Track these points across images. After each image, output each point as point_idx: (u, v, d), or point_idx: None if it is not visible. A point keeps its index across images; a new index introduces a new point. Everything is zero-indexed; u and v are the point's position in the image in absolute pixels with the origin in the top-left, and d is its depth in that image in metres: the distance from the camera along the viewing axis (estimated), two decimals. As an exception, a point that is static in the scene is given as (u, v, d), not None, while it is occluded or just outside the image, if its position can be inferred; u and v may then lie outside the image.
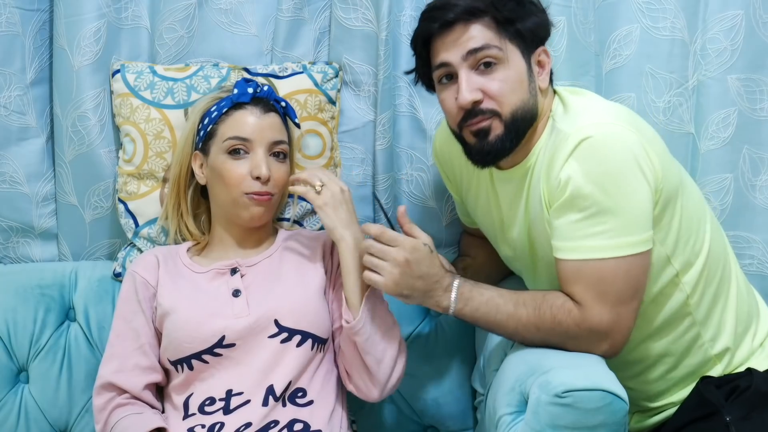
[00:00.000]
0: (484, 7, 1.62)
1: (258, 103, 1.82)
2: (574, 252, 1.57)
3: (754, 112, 2.08)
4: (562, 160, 1.57)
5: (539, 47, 1.68)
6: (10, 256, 2.12)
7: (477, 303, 1.63)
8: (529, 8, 1.66)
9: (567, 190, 1.56)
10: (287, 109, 1.88)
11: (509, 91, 1.62)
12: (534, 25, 1.65)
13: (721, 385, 1.70)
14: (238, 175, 1.77)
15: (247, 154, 1.79)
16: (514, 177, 1.71)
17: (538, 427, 1.46)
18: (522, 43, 1.64)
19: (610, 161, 1.54)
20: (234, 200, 1.79)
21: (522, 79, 1.64)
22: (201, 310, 1.75)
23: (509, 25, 1.63)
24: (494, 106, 1.63)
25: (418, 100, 2.06)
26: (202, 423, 1.70)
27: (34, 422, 1.99)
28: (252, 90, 1.83)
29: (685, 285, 1.69)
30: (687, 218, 1.67)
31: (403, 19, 2.03)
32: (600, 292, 1.56)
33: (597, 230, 1.55)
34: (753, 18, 2.06)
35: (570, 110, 1.66)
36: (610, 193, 1.54)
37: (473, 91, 1.62)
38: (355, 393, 1.77)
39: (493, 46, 1.62)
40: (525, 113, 1.64)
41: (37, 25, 2.05)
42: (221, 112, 1.82)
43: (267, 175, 1.76)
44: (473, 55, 1.62)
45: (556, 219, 1.59)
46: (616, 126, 1.58)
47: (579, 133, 1.56)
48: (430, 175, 2.06)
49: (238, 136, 1.79)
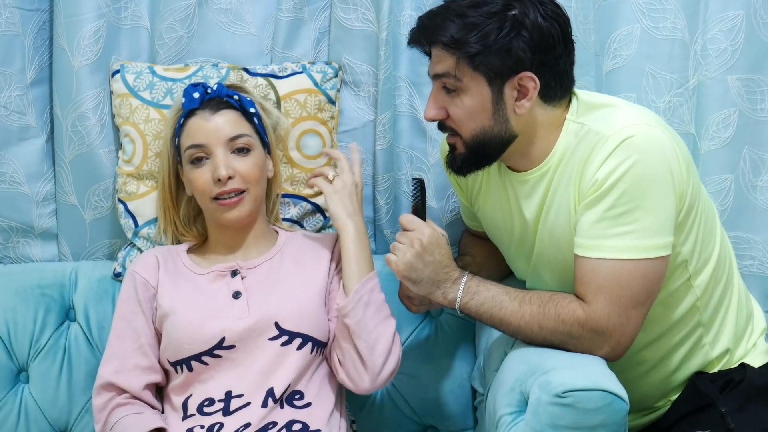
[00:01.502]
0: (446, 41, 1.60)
1: (207, 105, 1.81)
2: (594, 250, 1.57)
3: (755, 112, 2.08)
4: (601, 160, 1.57)
5: (521, 73, 1.60)
6: (10, 256, 2.12)
7: (482, 298, 1.64)
8: (513, 39, 1.57)
9: (603, 185, 1.56)
10: (242, 102, 1.84)
11: (465, 118, 1.63)
12: (502, 59, 1.58)
13: (715, 380, 1.71)
14: (203, 183, 1.77)
15: (207, 159, 1.78)
16: (527, 181, 1.70)
17: (538, 427, 1.46)
18: (488, 72, 1.60)
19: (647, 162, 1.55)
20: (208, 207, 1.80)
21: (484, 107, 1.62)
22: (201, 311, 1.75)
23: (472, 59, 1.59)
24: (454, 126, 1.66)
25: (418, 100, 2.06)
26: (201, 424, 1.70)
27: (34, 422, 1.99)
28: (198, 94, 1.81)
29: (697, 288, 1.69)
30: (704, 221, 1.68)
31: (403, 19, 2.03)
32: (613, 294, 1.56)
33: (621, 230, 1.55)
34: (753, 18, 2.05)
35: (597, 109, 1.65)
36: (642, 194, 1.54)
37: (436, 109, 1.66)
38: (347, 383, 1.74)
39: (450, 75, 1.62)
40: (489, 138, 1.64)
41: (37, 25, 2.05)
42: (180, 125, 1.83)
43: (225, 176, 1.75)
44: (438, 79, 1.65)
45: (583, 214, 1.59)
46: (654, 128, 1.59)
47: (620, 134, 1.56)
48: (430, 175, 2.06)
49: (193, 143, 1.79)
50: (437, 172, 2.03)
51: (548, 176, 1.67)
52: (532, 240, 1.73)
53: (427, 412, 2.02)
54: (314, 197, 2.02)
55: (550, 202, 1.67)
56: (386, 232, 2.12)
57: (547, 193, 1.68)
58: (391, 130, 2.07)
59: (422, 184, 1.73)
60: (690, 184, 1.62)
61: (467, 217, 2.00)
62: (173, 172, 1.87)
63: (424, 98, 2.05)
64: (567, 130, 1.66)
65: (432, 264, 1.66)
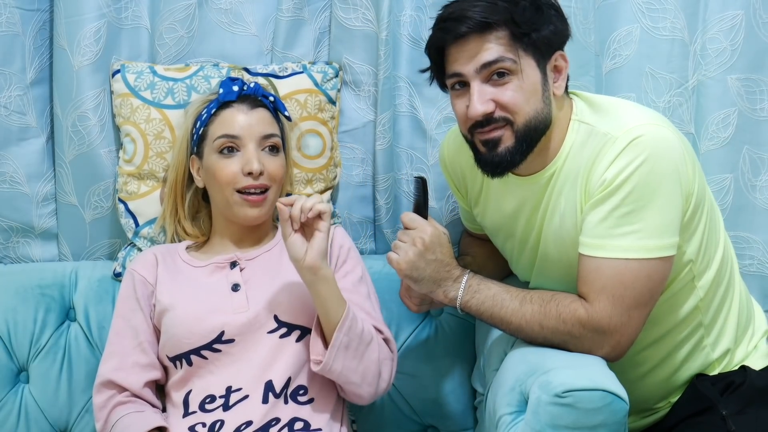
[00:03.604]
0: (500, 20, 1.59)
1: (245, 100, 1.83)
2: (599, 249, 1.57)
3: (754, 112, 2.08)
4: (609, 160, 1.56)
5: (556, 52, 1.65)
6: (10, 256, 2.12)
7: (483, 296, 1.64)
8: (548, 16, 1.62)
9: (611, 185, 1.55)
10: (276, 103, 1.88)
11: (523, 101, 1.60)
12: (550, 33, 1.62)
13: (715, 382, 1.70)
14: (230, 173, 1.78)
15: (238, 152, 1.79)
16: (535, 182, 1.70)
17: (538, 427, 1.46)
18: (537, 52, 1.61)
19: (655, 162, 1.54)
20: (228, 199, 1.79)
21: (536, 89, 1.61)
22: (200, 305, 1.75)
23: (524, 37, 1.60)
24: (507, 115, 1.61)
25: (418, 100, 2.06)
26: (203, 421, 1.70)
27: (34, 422, 1.99)
28: (237, 88, 1.84)
29: (700, 289, 1.69)
30: (709, 222, 1.68)
31: (404, 19, 2.03)
32: (616, 293, 1.56)
33: (626, 230, 1.55)
34: (753, 18, 2.06)
35: (603, 111, 1.65)
36: (649, 194, 1.54)
37: (485, 103, 1.60)
38: (348, 400, 1.77)
39: (507, 59, 1.59)
40: (538, 123, 1.62)
41: (37, 25, 2.05)
42: (210, 113, 1.83)
43: (259, 170, 1.76)
44: (487, 69, 1.60)
45: (589, 214, 1.59)
46: (662, 128, 1.59)
47: (629, 134, 1.56)
48: (430, 175, 2.06)
49: (227, 133, 1.79)
50: (437, 172, 2.03)
51: (554, 178, 1.67)
52: (536, 242, 1.73)
53: (427, 412, 2.02)
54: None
55: (555, 203, 1.67)
56: (386, 232, 2.12)
57: (551, 194, 1.68)
58: (391, 130, 2.07)
59: (424, 182, 1.73)
60: (696, 185, 1.62)
61: (467, 220, 2.00)
62: (187, 162, 1.88)
63: (424, 98, 2.06)
64: (572, 129, 1.66)
65: (434, 262, 1.66)
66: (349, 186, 2.12)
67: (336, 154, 2.07)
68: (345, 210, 2.12)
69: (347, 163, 2.11)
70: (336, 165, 2.07)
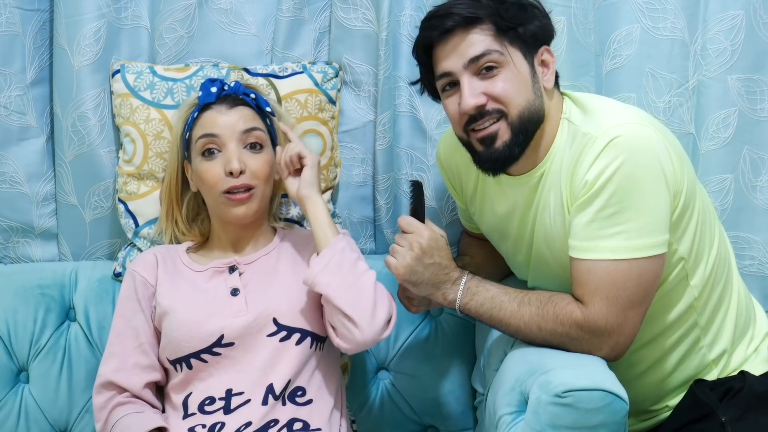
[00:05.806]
0: (484, 14, 1.61)
1: (224, 101, 1.82)
2: (588, 252, 1.57)
3: (755, 112, 2.08)
4: (590, 161, 1.56)
5: (542, 47, 1.66)
6: (10, 256, 2.12)
7: (482, 298, 1.64)
8: (532, 12, 1.65)
9: (592, 187, 1.55)
10: (258, 100, 1.86)
11: (514, 92, 1.61)
12: (536, 28, 1.64)
13: (714, 387, 1.69)
14: (213, 176, 1.77)
15: (219, 153, 1.79)
16: (526, 182, 1.70)
17: (538, 427, 1.46)
18: (524, 45, 1.63)
19: (636, 161, 1.54)
20: (216, 201, 1.79)
21: (526, 80, 1.63)
22: (199, 309, 1.75)
23: (510, 30, 1.62)
24: (500, 106, 1.62)
25: (418, 100, 2.06)
26: (203, 423, 1.70)
27: (34, 422, 1.99)
28: (216, 89, 1.83)
29: (694, 288, 1.68)
30: (701, 220, 1.67)
31: (404, 19, 2.03)
32: (610, 294, 1.56)
33: (613, 231, 1.55)
34: (753, 18, 2.06)
35: (589, 111, 1.65)
36: (632, 193, 1.54)
37: (476, 96, 1.61)
38: (343, 345, 1.69)
39: (494, 51, 1.61)
40: (532, 114, 1.63)
41: (37, 25, 2.05)
42: (193, 117, 1.83)
43: (239, 169, 1.76)
44: (475, 63, 1.62)
45: (576, 216, 1.59)
46: (643, 127, 1.58)
47: (607, 134, 1.56)
48: (430, 175, 2.06)
49: (206, 133, 1.79)
50: (437, 172, 2.03)
51: (544, 177, 1.67)
52: (530, 242, 1.73)
53: (427, 412, 2.02)
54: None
55: (546, 203, 1.67)
56: (386, 232, 2.12)
57: (542, 194, 1.68)
58: (391, 130, 2.07)
59: (420, 186, 1.73)
60: (685, 183, 1.61)
61: (465, 219, 2.00)
62: (180, 168, 1.88)
63: (424, 98, 2.04)
64: (562, 128, 1.67)
65: (432, 266, 1.65)
66: (349, 186, 2.12)
67: (336, 154, 2.07)
68: (345, 210, 2.12)
69: (347, 163, 2.11)
70: (336, 165, 2.07)
